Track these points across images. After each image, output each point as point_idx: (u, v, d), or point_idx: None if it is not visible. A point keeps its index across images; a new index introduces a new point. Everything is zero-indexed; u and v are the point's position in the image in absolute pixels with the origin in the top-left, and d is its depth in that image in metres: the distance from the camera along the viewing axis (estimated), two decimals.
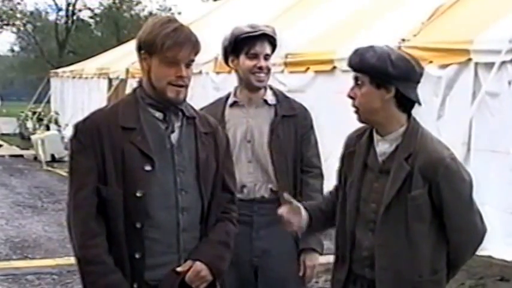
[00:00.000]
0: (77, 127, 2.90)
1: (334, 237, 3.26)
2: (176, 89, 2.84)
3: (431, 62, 7.67)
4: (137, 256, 2.84)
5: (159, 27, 2.82)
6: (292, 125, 3.81)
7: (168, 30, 2.80)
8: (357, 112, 3.01)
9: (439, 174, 2.91)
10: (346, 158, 3.20)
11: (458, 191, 2.96)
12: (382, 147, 3.04)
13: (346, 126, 3.24)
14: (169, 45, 2.78)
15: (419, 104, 3.00)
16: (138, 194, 2.81)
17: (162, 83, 2.83)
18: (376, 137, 3.06)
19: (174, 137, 2.93)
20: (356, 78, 2.98)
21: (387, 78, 2.93)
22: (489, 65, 7.04)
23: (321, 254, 3.84)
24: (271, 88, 3.88)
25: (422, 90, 8.01)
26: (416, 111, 3.07)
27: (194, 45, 2.85)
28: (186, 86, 2.87)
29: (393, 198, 2.94)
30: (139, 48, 2.89)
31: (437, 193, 2.93)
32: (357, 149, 3.13)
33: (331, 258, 3.33)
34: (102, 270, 2.80)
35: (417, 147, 2.95)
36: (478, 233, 3.08)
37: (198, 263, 2.93)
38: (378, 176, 3.04)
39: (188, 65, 2.85)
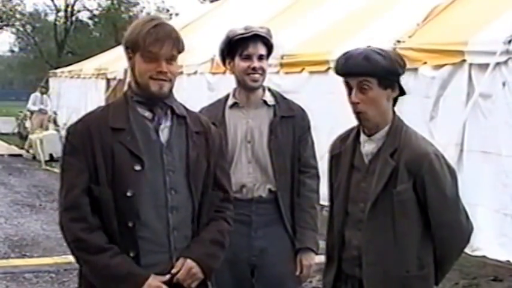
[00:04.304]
0: (69, 130, 2.95)
1: (326, 238, 3.32)
2: (158, 82, 2.87)
3: (425, 63, 7.70)
4: (131, 255, 2.85)
5: (141, 25, 2.88)
6: (291, 126, 3.84)
7: (149, 28, 2.85)
8: (362, 117, 3.01)
9: (423, 169, 2.95)
10: (334, 161, 3.25)
11: (442, 187, 2.99)
12: (369, 147, 3.08)
13: (340, 126, 3.28)
14: (150, 41, 2.83)
15: (404, 93, 3.07)
16: (128, 194, 2.83)
17: (143, 78, 2.87)
18: (363, 137, 3.10)
19: (163, 136, 2.95)
20: (360, 83, 2.96)
21: (396, 78, 2.98)
22: (483, 66, 7.05)
23: (317, 254, 3.87)
24: (269, 89, 3.92)
25: (416, 91, 7.97)
26: (409, 112, 3.12)
27: (175, 42, 2.89)
28: (170, 80, 2.91)
29: (379, 194, 2.99)
30: (126, 48, 2.94)
31: (422, 188, 2.97)
32: (342, 151, 3.18)
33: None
34: (111, 253, 2.81)
35: (402, 143, 2.99)
36: (463, 230, 3.11)
37: (188, 260, 2.93)
38: (365, 176, 3.08)
39: (169, 61, 2.89)
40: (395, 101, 3.07)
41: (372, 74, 2.94)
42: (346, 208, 3.15)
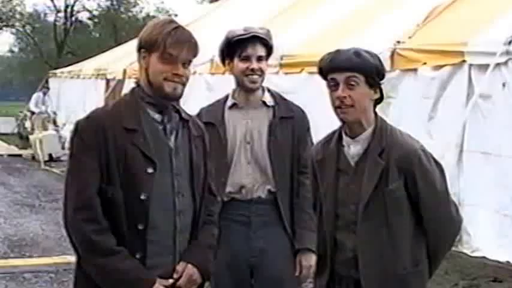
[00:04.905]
0: (79, 125, 2.90)
1: (316, 242, 3.33)
2: (173, 84, 2.88)
3: (425, 63, 7.68)
4: (138, 256, 2.87)
5: (161, 26, 2.89)
6: (290, 127, 3.86)
7: (170, 29, 2.86)
8: (347, 111, 3.02)
9: (413, 165, 2.98)
10: (317, 167, 3.25)
11: (432, 181, 3.03)
12: (354, 149, 3.09)
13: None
14: (171, 42, 2.84)
15: (382, 100, 3.12)
16: (142, 197, 2.84)
17: (158, 78, 2.87)
18: (346, 140, 3.11)
19: (171, 139, 2.96)
20: (348, 78, 2.99)
21: (381, 78, 3.03)
22: (483, 67, 7.03)
23: (316, 255, 3.89)
24: (268, 90, 3.93)
25: (415, 92, 7.91)
26: (408, 112, 3.13)
27: (193, 47, 2.91)
28: (183, 84, 2.91)
29: (371, 194, 3.00)
30: (139, 47, 2.94)
31: (413, 184, 3.00)
32: (326, 156, 3.18)
33: None
34: (121, 256, 2.83)
35: (389, 142, 3.02)
36: (454, 223, 3.16)
37: (189, 266, 2.97)
38: (353, 178, 3.09)
39: (185, 65, 2.90)
40: (376, 103, 3.10)
41: (362, 70, 2.98)
42: (336, 211, 3.15)
